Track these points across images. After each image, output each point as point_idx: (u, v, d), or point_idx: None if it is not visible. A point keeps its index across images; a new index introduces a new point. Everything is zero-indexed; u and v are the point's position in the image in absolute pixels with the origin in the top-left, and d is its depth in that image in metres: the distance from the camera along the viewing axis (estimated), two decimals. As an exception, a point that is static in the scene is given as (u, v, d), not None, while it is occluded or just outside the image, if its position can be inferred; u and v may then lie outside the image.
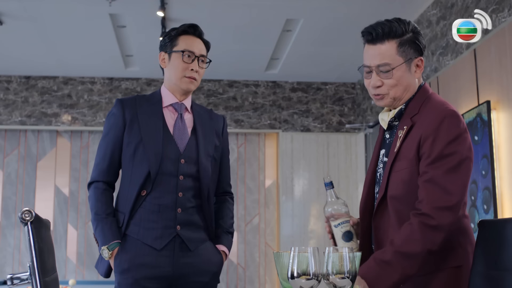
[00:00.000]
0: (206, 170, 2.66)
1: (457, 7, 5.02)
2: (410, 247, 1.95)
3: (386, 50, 2.10)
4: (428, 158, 2.00)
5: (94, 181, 2.66)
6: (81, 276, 7.61)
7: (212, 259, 2.66)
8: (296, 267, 1.66)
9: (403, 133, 2.10)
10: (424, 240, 1.95)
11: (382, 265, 1.96)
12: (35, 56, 7.17)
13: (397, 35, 2.09)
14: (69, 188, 7.81)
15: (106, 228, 2.57)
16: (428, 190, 1.98)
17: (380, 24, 2.11)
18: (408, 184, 2.05)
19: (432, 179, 1.98)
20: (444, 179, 1.97)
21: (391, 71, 2.10)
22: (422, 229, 1.95)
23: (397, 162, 2.09)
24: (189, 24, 2.73)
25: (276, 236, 7.90)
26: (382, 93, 2.14)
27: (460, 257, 2.06)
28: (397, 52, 2.09)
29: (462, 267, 2.05)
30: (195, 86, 2.71)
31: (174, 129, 2.67)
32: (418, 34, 2.14)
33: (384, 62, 2.10)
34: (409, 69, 2.12)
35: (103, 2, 5.59)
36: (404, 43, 2.10)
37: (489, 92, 4.54)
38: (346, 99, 8.16)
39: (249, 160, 8.05)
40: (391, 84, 2.11)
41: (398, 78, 2.10)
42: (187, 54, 2.66)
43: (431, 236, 1.95)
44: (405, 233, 1.98)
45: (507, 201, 4.25)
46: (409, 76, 2.13)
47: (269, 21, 6.14)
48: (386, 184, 2.11)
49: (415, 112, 2.12)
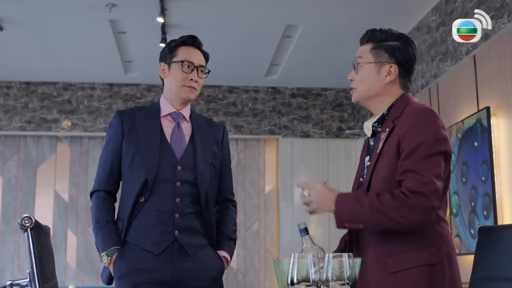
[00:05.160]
0: (203, 176, 2.69)
1: (457, 13, 5.03)
2: (388, 206, 2.05)
3: (362, 49, 2.32)
4: (405, 151, 2.10)
5: (95, 190, 2.72)
6: (80, 282, 7.60)
7: (212, 264, 2.67)
8: (296, 273, 1.66)
9: (385, 135, 2.20)
10: (401, 210, 2.04)
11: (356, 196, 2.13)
12: (35, 62, 7.17)
13: (375, 40, 2.30)
14: (69, 194, 7.80)
15: (106, 235, 2.61)
16: (406, 177, 2.08)
17: (369, 30, 2.33)
18: (387, 180, 2.14)
19: (408, 168, 2.08)
20: (419, 167, 2.06)
21: (358, 65, 2.29)
22: (401, 202, 2.04)
23: (378, 162, 2.19)
24: (188, 36, 2.78)
25: (276, 242, 7.89)
26: (352, 87, 2.33)
27: (434, 256, 2.09)
28: (370, 51, 2.28)
29: (436, 266, 2.09)
30: (195, 95, 2.76)
31: (172, 137, 2.72)
32: (405, 47, 2.28)
33: (357, 56, 2.31)
34: (377, 71, 2.27)
35: (103, 8, 5.60)
36: (379, 46, 2.28)
37: (488, 98, 4.54)
38: (346, 105, 8.17)
39: (249, 166, 8.05)
40: (358, 79, 2.30)
41: (363, 74, 2.28)
42: (186, 64, 2.71)
43: (405, 211, 2.04)
44: (386, 197, 2.08)
45: (507, 207, 4.25)
46: (375, 77, 2.27)
47: (269, 27, 6.15)
48: (367, 185, 2.19)
49: (397, 115, 2.23)
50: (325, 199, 2.15)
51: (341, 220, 2.12)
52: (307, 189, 2.19)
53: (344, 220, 2.12)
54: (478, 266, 2.04)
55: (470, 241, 4.62)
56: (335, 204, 2.12)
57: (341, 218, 2.12)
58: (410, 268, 2.07)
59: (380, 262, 2.11)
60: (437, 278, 2.07)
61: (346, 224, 2.12)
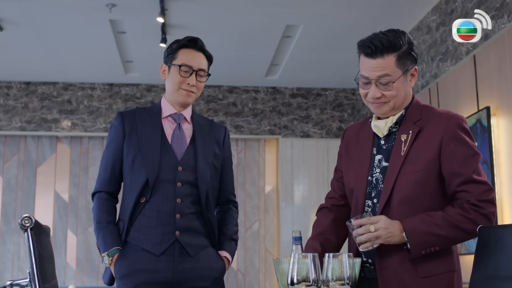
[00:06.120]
0: (204, 177, 2.69)
1: (457, 13, 5.03)
2: (463, 221, 2.05)
3: (386, 64, 2.13)
4: (455, 162, 2.10)
5: (97, 191, 2.73)
6: (80, 282, 7.60)
7: (213, 264, 2.67)
8: (296, 273, 1.67)
9: (410, 137, 2.14)
10: (477, 221, 2.05)
11: (424, 220, 2.06)
12: (35, 62, 7.17)
13: (396, 49, 2.14)
14: (69, 194, 7.80)
15: (107, 236, 2.61)
16: (469, 188, 2.08)
17: (378, 38, 2.15)
18: (422, 185, 2.10)
19: (468, 179, 2.08)
20: (476, 177, 2.09)
21: (391, 83, 2.14)
22: (475, 213, 2.05)
23: (406, 165, 2.12)
24: (189, 38, 2.76)
25: (276, 242, 7.90)
26: (383, 102, 2.18)
27: (455, 261, 2.13)
28: (396, 65, 2.14)
29: (457, 271, 2.12)
30: (193, 99, 2.75)
31: (172, 138, 2.72)
32: (412, 45, 2.20)
33: (384, 74, 2.13)
34: (406, 79, 2.18)
35: (103, 8, 5.60)
36: (402, 56, 2.15)
37: (488, 98, 4.54)
38: (346, 105, 8.17)
39: (249, 166, 8.05)
40: (391, 95, 2.16)
41: (397, 89, 2.16)
42: (184, 68, 2.69)
43: (481, 221, 2.05)
44: (455, 211, 2.07)
45: (507, 207, 4.25)
46: (407, 86, 2.20)
47: (269, 27, 6.15)
48: (391, 188, 2.12)
49: (417, 118, 2.18)
50: (393, 231, 2.03)
51: (418, 249, 2.04)
52: (371, 224, 2.02)
53: (421, 249, 2.04)
54: (478, 266, 2.04)
55: (470, 241, 4.61)
56: (406, 234, 2.03)
57: (418, 247, 2.04)
58: (440, 274, 2.08)
59: (409, 267, 2.08)
60: (458, 283, 2.12)
61: (423, 252, 2.04)
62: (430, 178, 2.10)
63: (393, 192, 2.12)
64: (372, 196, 2.20)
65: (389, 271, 2.09)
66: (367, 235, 2.02)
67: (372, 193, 2.21)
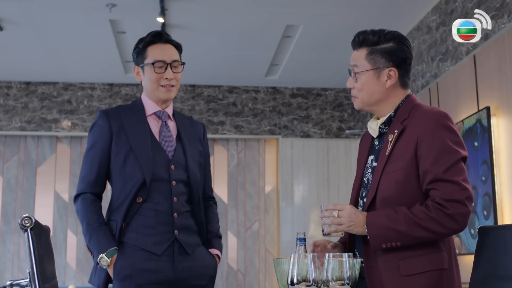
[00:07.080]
0: (195, 175, 2.69)
1: (457, 13, 5.03)
2: (425, 219, 2.03)
3: (357, 56, 2.26)
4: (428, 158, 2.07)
5: (81, 193, 2.64)
6: (80, 282, 7.60)
7: (208, 263, 2.69)
8: (296, 273, 1.67)
9: (394, 137, 2.17)
10: (440, 221, 2.02)
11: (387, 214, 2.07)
12: (35, 62, 7.17)
13: (368, 44, 2.23)
14: (69, 194, 7.79)
15: (101, 236, 2.55)
16: (437, 186, 2.05)
17: (360, 33, 2.27)
18: (402, 184, 2.11)
19: (437, 177, 2.05)
20: (448, 174, 2.05)
21: (356, 75, 2.24)
22: (438, 213, 2.02)
23: (388, 164, 2.15)
24: (153, 33, 2.72)
25: (276, 242, 7.89)
26: (353, 95, 2.28)
27: (444, 260, 2.10)
28: (366, 58, 2.23)
29: (447, 271, 2.09)
30: (174, 93, 2.72)
31: (160, 136, 2.69)
32: (400, 47, 2.23)
33: (353, 64, 2.25)
34: (377, 77, 2.22)
35: (103, 8, 5.60)
36: (374, 51, 2.22)
37: (488, 98, 4.54)
38: (346, 105, 8.17)
39: (249, 166, 8.05)
40: (357, 87, 2.25)
41: (363, 83, 2.23)
42: (158, 64, 2.65)
43: (445, 221, 2.02)
44: (419, 210, 2.05)
45: (507, 207, 4.25)
46: (376, 84, 2.23)
47: (269, 27, 6.15)
48: (376, 187, 2.15)
49: (405, 117, 2.20)
50: (356, 221, 2.09)
51: (378, 242, 2.06)
52: (336, 210, 2.11)
53: (380, 242, 2.06)
54: (478, 266, 2.05)
55: (470, 241, 4.63)
56: (367, 226, 2.07)
57: (377, 240, 2.06)
58: (423, 272, 2.06)
59: (392, 265, 2.08)
60: (448, 283, 2.08)
61: (383, 245, 2.06)
62: (409, 177, 2.11)
63: (377, 192, 2.15)
64: (363, 196, 2.25)
65: (374, 269, 2.11)
66: (331, 219, 2.11)
67: (363, 193, 2.26)
